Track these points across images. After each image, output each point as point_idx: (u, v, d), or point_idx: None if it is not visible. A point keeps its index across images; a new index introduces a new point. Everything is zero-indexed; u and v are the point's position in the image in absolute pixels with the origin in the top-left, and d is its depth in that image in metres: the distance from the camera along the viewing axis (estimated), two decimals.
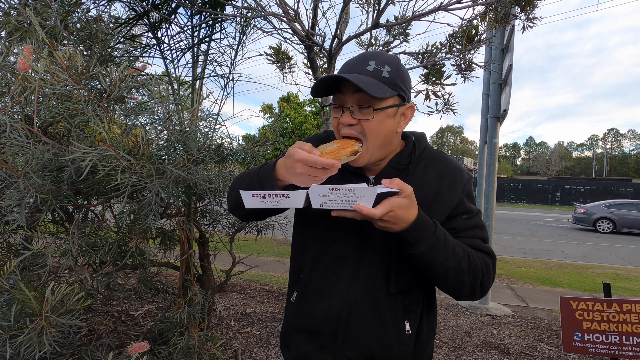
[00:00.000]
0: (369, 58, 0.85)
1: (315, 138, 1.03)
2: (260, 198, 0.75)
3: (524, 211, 21.77)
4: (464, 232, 0.89)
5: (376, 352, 0.87)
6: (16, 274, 1.28)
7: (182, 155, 1.60)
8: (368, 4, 3.45)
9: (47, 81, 1.18)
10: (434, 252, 0.79)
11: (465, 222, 0.90)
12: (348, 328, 0.88)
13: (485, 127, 4.17)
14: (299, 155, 0.74)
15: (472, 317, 3.61)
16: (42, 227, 1.77)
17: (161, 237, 2.11)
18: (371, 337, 0.87)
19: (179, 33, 2.38)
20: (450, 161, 0.94)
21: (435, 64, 3.54)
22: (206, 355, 1.93)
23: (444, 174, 0.91)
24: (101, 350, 1.71)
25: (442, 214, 0.88)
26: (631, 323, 2.17)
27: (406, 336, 0.89)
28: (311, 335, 0.92)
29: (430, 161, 0.94)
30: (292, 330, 0.97)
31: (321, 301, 0.91)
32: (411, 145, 0.95)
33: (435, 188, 0.90)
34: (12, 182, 1.24)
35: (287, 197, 0.73)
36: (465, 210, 0.91)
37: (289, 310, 1.00)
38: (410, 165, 0.92)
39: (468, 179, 0.93)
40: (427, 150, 0.96)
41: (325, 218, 0.90)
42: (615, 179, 38.32)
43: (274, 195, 0.74)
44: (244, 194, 0.75)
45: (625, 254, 8.30)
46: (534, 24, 3.09)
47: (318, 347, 0.91)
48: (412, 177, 0.90)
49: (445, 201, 0.89)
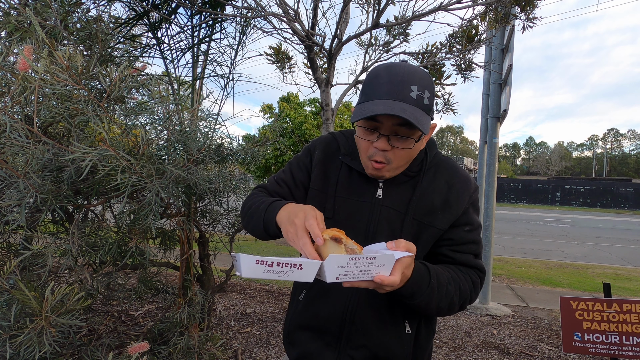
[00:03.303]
0: (411, 82, 0.80)
1: (322, 142, 1.01)
2: (265, 266, 0.63)
3: (524, 211, 21.77)
4: (459, 247, 0.90)
5: (378, 352, 0.89)
6: (16, 274, 1.28)
7: (182, 155, 1.60)
8: (368, 4, 3.44)
9: (47, 81, 1.18)
10: (429, 300, 0.80)
11: (464, 235, 0.90)
12: (352, 329, 0.90)
13: (485, 127, 4.17)
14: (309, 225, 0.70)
15: (472, 317, 3.61)
16: (42, 227, 1.77)
17: (161, 237, 2.10)
18: (374, 339, 0.89)
19: (179, 33, 2.38)
20: (459, 170, 0.95)
21: (435, 64, 3.54)
22: (206, 355, 1.93)
23: (452, 182, 0.91)
24: (101, 350, 1.71)
25: (447, 223, 0.89)
26: (631, 323, 2.17)
27: (407, 336, 0.90)
28: (316, 333, 0.94)
29: (440, 168, 0.94)
30: (297, 327, 0.98)
31: (327, 302, 0.92)
32: (423, 152, 0.95)
33: (443, 196, 0.90)
34: (12, 182, 1.24)
35: (299, 267, 0.64)
36: (468, 221, 0.91)
37: (294, 308, 1.00)
38: (421, 173, 0.92)
39: (475, 189, 0.93)
40: (437, 157, 0.96)
41: (333, 218, 0.91)
42: (615, 179, 38.32)
43: (284, 265, 0.63)
44: (243, 257, 0.61)
45: (625, 254, 8.30)
46: (534, 24, 3.09)
47: (323, 344, 0.93)
48: (422, 184, 0.91)
49: (451, 210, 0.89)
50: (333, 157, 0.97)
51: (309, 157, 1.00)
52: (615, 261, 7.43)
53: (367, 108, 0.80)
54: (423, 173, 0.92)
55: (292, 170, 1.01)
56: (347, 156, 0.96)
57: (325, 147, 0.99)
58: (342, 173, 0.94)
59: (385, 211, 0.89)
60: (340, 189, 0.93)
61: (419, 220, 0.88)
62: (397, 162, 0.85)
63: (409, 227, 0.88)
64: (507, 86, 3.50)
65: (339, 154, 0.97)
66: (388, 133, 0.82)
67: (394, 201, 0.90)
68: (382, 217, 0.89)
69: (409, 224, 0.88)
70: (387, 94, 0.79)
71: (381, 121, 0.81)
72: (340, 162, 0.96)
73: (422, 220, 0.88)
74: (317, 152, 0.99)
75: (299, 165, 1.00)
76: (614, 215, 22.31)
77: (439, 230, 0.89)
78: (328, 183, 0.94)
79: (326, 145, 0.99)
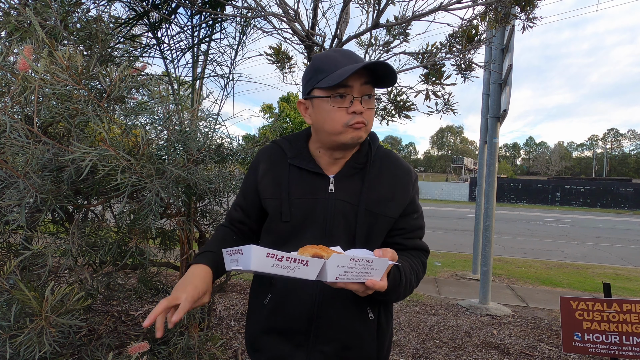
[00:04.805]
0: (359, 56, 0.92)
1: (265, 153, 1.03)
2: (274, 260, 0.66)
3: (524, 211, 21.78)
4: (410, 234, 0.99)
5: (348, 342, 0.93)
6: (16, 274, 1.28)
7: (182, 155, 1.60)
8: (368, 4, 3.44)
9: (47, 81, 1.18)
10: (398, 295, 0.88)
11: (414, 223, 1.00)
12: (320, 324, 0.93)
13: (485, 127, 4.17)
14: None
15: (472, 317, 3.61)
16: (42, 227, 1.76)
17: (161, 237, 2.10)
18: (342, 329, 0.93)
19: (179, 33, 2.38)
20: (401, 161, 1.02)
21: (435, 64, 3.54)
22: (206, 355, 1.93)
23: (397, 173, 0.98)
24: (101, 350, 1.71)
25: (397, 211, 0.96)
26: (631, 323, 2.17)
27: (371, 322, 0.96)
28: (285, 335, 0.95)
29: (384, 160, 1.00)
30: (263, 332, 0.98)
31: (295, 301, 0.94)
32: (367, 145, 1.00)
33: (391, 187, 0.96)
34: (12, 182, 1.24)
35: (306, 264, 0.68)
36: (415, 208, 1.00)
37: (257, 315, 1.01)
38: (368, 164, 0.97)
39: (416, 179, 1.02)
40: (380, 150, 1.02)
41: (290, 221, 0.94)
42: (615, 179, 38.30)
43: (292, 260, 0.67)
44: (255, 249, 0.65)
45: (625, 254, 8.30)
46: (534, 24, 3.09)
47: (293, 346, 0.94)
48: (370, 175, 0.96)
49: (399, 199, 0.96)
50: (280, 163, 1.00)
51: (254, 173, 1.03)
52: (615, 261, 7.43)
53: (339, 74, 0.84)
54: (369, 164, 0.96)
55: (243, 192, 1.05)
56: (294, 158, 0.98)
57: (269, 157, 1.01)
58: (291, 175, 0.97)
59: (340, 204, 0.93)
60: (293, 190, 0.95)
61: (371, 210, 0.93)
62: (370, 122, 0.91)
63: (362, 217, 0.92)
64: (507, 86, 3.50)
65: (286, 159, 0.99)
66: (359, 95, 0.87)
67: (346, 193, 0.94)
68: (337, 210, 0.93)
69: (362, 214, 0.92)
70: (349, 62, 0.87)
71: (351, 85, 0.86)
72: (288, 166, 0.98)
73: (374, 210, 0.93)
74: (262, 164, 1.01)
75: (247, 185, 1.04)
76: (614, 215, 22.32)
77: (391, 218, 0.95)
78: (280, 189, 0.96)
79: (270, 155, 1.02)
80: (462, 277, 5.19)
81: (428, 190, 32.38)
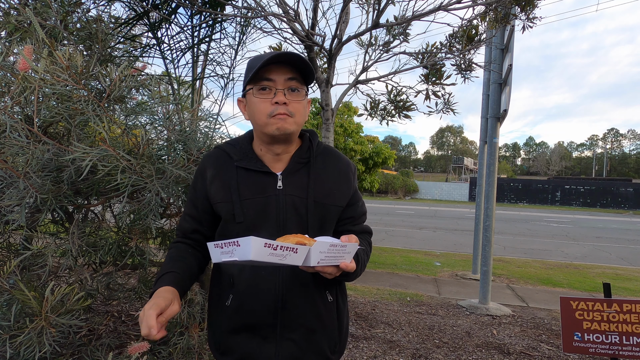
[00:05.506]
0: None
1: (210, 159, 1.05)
2: (270, 249, 0.70)
3: (524, 211, 21.78)
4: (357, 220, 1.08)
5: (313, 325, 0.99)
6: (16, 274, 1.28)
7: (182, 155, 1.60)
8: (368, 4, 3.45)
9: (47, 81, 1.18)
10: (357, 275, 0.95)
11: (360, 210, 1.08)
12: (285, 314, 0.96)
13: (485, 127, 4.17)
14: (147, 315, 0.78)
15: (472, 317, 3.62)
16: (42, 227, 1.76)
17: (161, 237, 2.10)
18: (306, 315, 0.98)
19: (179, 33, 2.38)
20: (341, 155, 1.09)
21: (435, 64, 3.54)
22: (206, 355, 1.93)
23: (339, 167, 1.05)
24: (101, 350, 1.71)
25: (343, 201, 1.03)
26: (631, 323, 2.17)
27: (330, 304, 1.02)
28: (252, 332, 0.97)
29: (326, 155, 1.06)
30: (229, 332, 1.00)
31: (258, 296, 0.96)
32: (307, 140, 1.05)
33: (335, 179, 1.02)
34: (12, 182, 1.24)
35: (295, 252, 0.73)
36: (359, 197, 1.09)
37: (220, 317, 1.02)
38: (311, 159, 1.02)
39: (355, 170, 1.10)
40: (321, 145, 1.07)
41: (244, 222, 0.96)
42: (615, 179, 38.29)
43: (285, 249, 0.72)
44: (255, 240, 0.67)
45: (625, 254, 8.30)
46: (534, 24, 3.09)
47: (261, 340, 0.97)
48: (314, 169, 1.01)
49: (344, 190, 1.03)
50: (226, 167, 1.01)
51: (202, 179, 1.04)
52: (615, 261, 7.43)
53: (259, 65, 0.89)
54: (313, 159, 1.02)
55: (192, 201, 1.06)
56: (241, 160, 1.00)
57: (215, 162, 1.03)
58: (240, 177, 0.99)
59: (290, 199, 0.97)
60: (243, 192, 0.97)
61: (320, 202, 0.98)
62: (297, 115, 0.94)
63: (312, 209, 0.97)
64: (507, 86, 3.50)
65: (232, 162, 1.01)
66: (283, 87, 0.92)
67: (295, 188, 0.98)
68: (288, 205, 0.97)
69: (312, 206, 0.97)
70: (274, 57, 0.91)
71: (274, 79, 0.92)
72: (235, 169, 0.99)
73: (323, 202, 0.99)
74: (209, 170, 1.03)
75: (196, 193, 1.05)
76: (614, 215, 22.31)
77: (339, 207, 1.02)
78: (230, 191, 0.97)
79: (215, 160, 1.03)
80: (462, 277, 5.19)
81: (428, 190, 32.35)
